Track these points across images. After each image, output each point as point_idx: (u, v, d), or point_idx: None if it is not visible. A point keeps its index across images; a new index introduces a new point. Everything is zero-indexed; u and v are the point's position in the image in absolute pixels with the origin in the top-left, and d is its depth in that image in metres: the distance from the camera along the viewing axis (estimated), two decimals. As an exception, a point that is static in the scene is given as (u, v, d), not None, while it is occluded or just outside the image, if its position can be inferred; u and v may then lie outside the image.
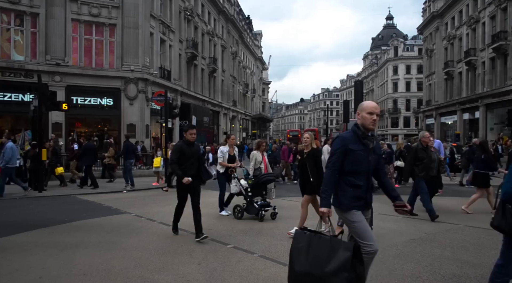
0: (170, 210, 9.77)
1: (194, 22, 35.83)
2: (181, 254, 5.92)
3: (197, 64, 36.76)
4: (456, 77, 42.68)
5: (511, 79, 30.76)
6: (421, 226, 7.81)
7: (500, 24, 32.93)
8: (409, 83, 75.39)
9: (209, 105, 40.02)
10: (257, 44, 74.58)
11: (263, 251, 6.00)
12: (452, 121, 44.13)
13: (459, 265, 5.31)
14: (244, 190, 8.74)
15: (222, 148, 9.46)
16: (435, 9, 47.63)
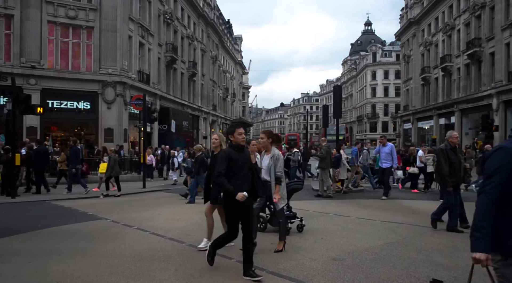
0: (148, 216, 9.72)
1: (173, 26, 35.64)
2: (158, 260, 5.84)
3: (177, 68, 36.55)
4: (432, 82, 43.56)
5: (485, 85, 31.56)
6: (398, 229, 7.90)
7: (474, 31, 33.79)
8: (387, 88, 76.60)
9: (189, 109, 39.79)
10: (237, 48, 74.65)
11: (241, 256, 5.94)
12: (429, 125, 44.98)
13: (434, 268, 5.39)
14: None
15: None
16: (412, 16, 48.61)
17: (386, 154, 12.83)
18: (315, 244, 6.71)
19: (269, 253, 6.16)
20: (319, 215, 9.70)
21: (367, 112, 78.96)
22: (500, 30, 28.93)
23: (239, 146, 5.12)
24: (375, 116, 77.84)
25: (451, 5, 38.90)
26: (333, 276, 5.03)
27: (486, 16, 31.81)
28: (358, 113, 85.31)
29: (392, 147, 13.10)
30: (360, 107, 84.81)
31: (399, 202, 12.20)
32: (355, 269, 5.32)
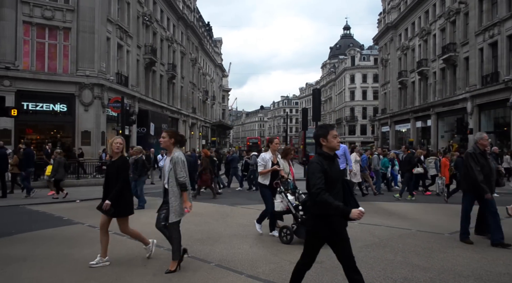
0: (125, 220, 9.57)
1: (152, 28, 35.35)
2: (136, 265, 5.77)
3: (156, 70, 36.25)
4: (409, 86, 44.33)
5: (460, 89, 32.28)
6: (375, 231, 8.00)
7: (449, 36, 34.56)
8: (365, 92, 77.60)
9: (168, 112, 39.49)
10: (217, 51, 74.53)
11: (220, 260, 5.95)
12: (406, 128, 45.73)
13: (410, 269, 5.47)
14: (294, 207, 7.11)
15: (264, 155, 7.70)
16: (389, 21, 49.41)
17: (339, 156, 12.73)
18: (294, 247, 6.72)
19: (248, 256, 6.15)
20: (299, 218, 9.73)
21: (346, 115, 79.84)
22: (474, 35, 29.67)
23: (330, 155, 3.93)
24: (353, 119, 78.74)
25: (427, 11, 39.73)
26: (311, 279, 5.06)
27: (461, 22, 32.59)
28: (337, 116, 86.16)
29: (345, 149, 12.66)
30: (339, 110, 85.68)
31: (378, 205, 12.34)
32: (333, 271, 5.35)
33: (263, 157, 7.63)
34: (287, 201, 7.17)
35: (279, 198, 7.30)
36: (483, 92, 28.14)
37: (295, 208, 7.09)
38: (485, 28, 28.25)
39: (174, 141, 5.66)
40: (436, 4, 37.58)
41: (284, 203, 7.22)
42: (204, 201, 13.03)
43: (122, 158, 5.91)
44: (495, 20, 27.13)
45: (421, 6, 40.64)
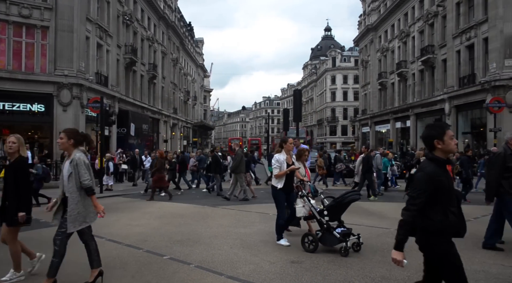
0: (104, 222, 9.38)
1: (133, 27, 34.99)
2: (114, 267, 5.69)
3: (136, 70, 35.89)
4: (389, 87, 44.92)
5: (438, 90, 32.87)
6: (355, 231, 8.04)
7: (428, 39, 35.17)
8: (346, 93, 78.35)
9: (149, 112, 39.13)
10: (198, 51, 74.21)
11: (200, 261, 5.92)
12: (386, 129, 46.32)
13: (388, 268, 5.53)
14: (318, 213, 6.61)
15: (278, 156, 7.03)
16: (369, 23, 50.01)
17: None
18: (274, 248, 6.75)
19: (228, 257, 6.13)
20: (279, 218, 9.75)
21: (327, 116, 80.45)
22: (452, 38, 30.25)
23: (445, 159, 3.22)
24: (334, 120, 79.40)
25: (406, 13, 40.34)
26: (291, 279, 5.08)
27: (439, 25, 33.20)
28: (319, 116, 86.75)
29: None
30: (320, 111, 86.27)
31: (358, 204, 12.41)
32: (313, 271, 5.39)
33: (277, 159, 6.98)
34: (310, 205, 6.66)
35: (300, 203, 6.75)
36: (460, 93, 28.71)
37: (320, 213, 6.57)
38: (462, 31, 28.83)
39: (74, 142, 4.87)
40: (415, 7, 38.19)
41: (306, 208, 6.71)
42: (185, 202, 12.95)
43: (20, 159, 5.16)
44: (471, 23, 27.71)
45: (401, 8, 41.25)
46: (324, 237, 6.46)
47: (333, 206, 6.57)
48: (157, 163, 14.34)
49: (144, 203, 13.09)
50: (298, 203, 6.77)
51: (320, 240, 6.46)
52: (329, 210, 6.53)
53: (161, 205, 12.43)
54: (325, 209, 6.55)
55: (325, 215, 6.50)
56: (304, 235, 6.64)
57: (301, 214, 6.77)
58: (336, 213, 6.60)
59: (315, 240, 6.45)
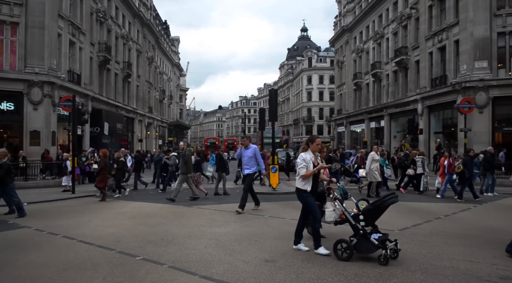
0: (76, 223, 9.26)
1: (107, 25, 34.39)
2: (85, 269, 5.57)
3: (110, 68, 35.29)
4: (364, 88, 45.54)
5: (411, 91, 33.50)
6: (329, 229, 8.10)
7: (401, 40, 35.81)
8: (322, 93, 79.12)
9: (123, 111, 38.53)
10: (174, 50, 73.57)
11: (174, 262, 5.85)
12: (361, 129, 46.95)
13: (361, 265, 5.62)
14: (353, 217, 6.04)
15: (304, 155, 6.47)
16: (345, 24, 50.59)
17: (248, 158, 10.90)
18: (249, 247, 6.73)
19: (202, 256, 6.08)
20: (254, 218, 9.76)
21: (303, 116, 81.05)
22: (424, 40, 30.88)
23: None
24: (310, 120, 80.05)
25: (380, 15, 40.96)
26: (265, 278, 5.07)
27: (412, 27, 33.84)
28: (295, 116, 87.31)
29: (256, 150, 11.15)
30: (296, 110, 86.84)
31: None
32: (287, 269, 5.40)
33: (304, 158, 6.41)
34: (343, 209, 6.09)
35: (331, 207, 6.21)
36: (432, 94, 29.33)
37: (355, 218, 6.00)
38: (434, 33, 29.46)
39: None
40: (389, 9, 38.82)
41: (337, 212, 6.15)
42: (159, 202, 12.80)
43: None
44: (443, 26, 28.36)
45: (375, 10, 41.87)
46: (359, 244, 5.90)
47: (371, 210, 5.98)
48: (101, 163, 13.89)
49: (117, 203, 12.88)
50: (329, 206, 6.25)
51: (355, 247, 5.90)
52: (366, 215, 5.95)
53: (135, 205, 12.26)
54: (361, 213, 5.98)
55: (361, 220, 5.94)
56: (337, 242, 6.00)
57: (331, 219, 6.21)
58: (373, 217, 6.04)
59: (349, 247, 5.87)
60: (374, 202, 6.06)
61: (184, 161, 13.18)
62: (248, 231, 7.99)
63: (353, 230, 6.04)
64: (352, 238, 5.99)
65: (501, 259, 6.03)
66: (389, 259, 5.64)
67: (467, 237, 7.58)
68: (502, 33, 24.63)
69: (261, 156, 11.48)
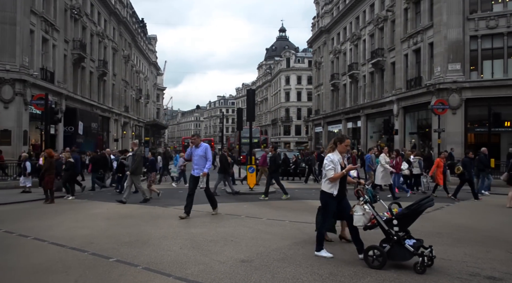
0: (48, 224, 9.03)
1: (82, 22, 33.73)
2: (56, 272, 5.41)
3: (85, 66, 34.64)
4: (341, 88, 46.00)
5: (387, 92, 34.01)
6: (305, 229, 8.16)
7: (378, 42, 36.32)
8: (300, 93, 79.57)
9: (98, 110, 37.87)
10: (151, 48, 72.78)
11: (148, 263, 5.75)
12: (338, 129, 47.37)
13: (336, 264, 5.65)
14: (385, 222, 5.63)
15: (332, 157, 6.06)
16: (323, 25, 51.00)
17: (199, 157, 9.90)
18: (225, 247, 6.68)
19: (178, 257, 5.99)
20: (231, 218, 9.71)
21: (281, 116, 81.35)
22: (400, 42, 31.41)
23: None
24: (288, 120, 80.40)
25: (357, 17, 41.45)
26: (240, 278, 5.04)
27: (388, 29, 34.37)
28: (273, 116, 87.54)
29: (207, 149, 10.06)
30: (274, 110, 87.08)
31: (309, 203, 12.64)
32: (262, 269, 5.37)
33: (331, 159, 5.99)
34: (375, 213, 5.69)
35: (360, 210, 5.77)
36: (407, 95, 29.85)
37: (387, 223, 5.59)
38: (409, 35, 29.99)
39: None
40: (366, 11, 39.33)
41: (367, 216, 5.74)
42: (135, 203, 12.60)
43: None
44: (418, 28, 28.89)
45: (352, 12, 42.34)
46: (393, 251, 5.46)
47: (406, 214, 5.55)
48: (45, 163, 13.38)
49: (91, 204, 12.62)
50: (358, 210, 5.78)
51: (389, 254, 5.45)
52: (400, 219, 5.51)
53: (110, 206, 12.03)
54: (395, 218, 5.54)
55: (395, 225, 5.52)
56: (369, 248, 5.59)
57: (360, 224, 5.78)
58: (407, 222, 5.62)
59: (382, 254, 5.44)
60: (410, 206, 5.61)
61: (137, 162, 12.80)
62: (224, 231, 7.93)
63: (385, 235, 5.64)
64: (385, 245, 5.57)
65: (471, 256, 6.16)
66: (426, 267, 5.27)
67: (439, 235, 7.72)
68: (475, 37, 25.28)
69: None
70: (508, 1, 24.93)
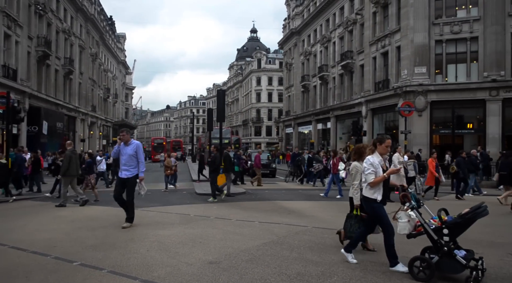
0: (8, 227, 8.69)
1: (47, 18, 32.75)
2: (16, 277, 5.19)
3: (50, 64, 33.65)
4: (311, 90, 46.47)
5: (356, 94, 34.59)
6: (274, 229, 8.16)
7: (347, 44, 36.92)
8: (271, 94, 79.92)
9: (64, 110, 36.87)
10: (120, 47, 71.46)
11: (113, 266, 5.59)
12: (308, 130, 47.85)
13: (304, 264, 5.65)
14: (434, 231, 5.09)
15: (372, 159, 5.58)
16: (294, 27, 51.40)
17: (129, 157, 8.53)
18: (193, 249, 6.59)
19: (145, 260, 5.87)
20: (200, 219, 9.61)
21: (252, 117, 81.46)
22: (369, 45, 32.02)
23: None
24: (259, 121, 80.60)
25: (328, 19, 41.99)
26: (208, 280, 4.98)
27: (357, 32, 34.97)
28: (244, 117, 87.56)
29: (138, 146, 8.69)
30: (245, 111, 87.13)
31: (278, 203, 12.68)
32: (230, 271, 5.33)
33: (371, 162, 5.53)
34: (423, 221, 5.18)
35: (405, 217, 5.29)
36: (375, 97, 30.45)
37: (437, 232, 5.07)
38: (378, 39, 30.61)
39: None
40: (336, 13, 39.88)
41: (412, 223, 5.29)
42: (101, 205, 12.30)
43: None
44: (386, 32, 29.53)
45: (323, 14, 42.86)
46: (443, 263, 4.97)
47: (459, 223, 5.07)
48: None
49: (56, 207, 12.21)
50: (402, 217, 5.31)
51: (438, 266, 4.97)
52: (451, 229, 5.01)
53: (75, 209, 11.68)
54: (445, 227, 5.03)
55: (445, 234, 5.00)
56: (414, 259, 5.12)
57: (405, 232, 5.32)
58: (459, 232, 5.12)
59: (430, 266, 4.95)
60: (464, 215, 5.11)
61: (67, 163, 12.07)
62: (192, 233, 7.84)
63: (433, 245, 5.14)
64: (433, 255, 5.10)
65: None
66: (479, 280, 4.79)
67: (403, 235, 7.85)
68: (440, 41, 26.06)
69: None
70: (471, 7, 25.82)
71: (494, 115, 24.53)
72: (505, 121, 24.65)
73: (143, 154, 8.96)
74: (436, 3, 26.33)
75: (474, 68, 25.46)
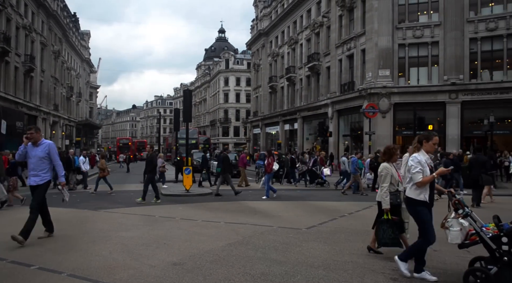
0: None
1: (6, 13, 31.52)
2: (-30, 281, 4.97)
3: (10, 61, 32.39)
4: (279, 91, 46.77)
5: (322, 95, 35.06)
6: (239, 230, 8.17)
7: (314, 47, 37.38)
8: (239, 95, 79.91)
9: (24, 109, 35.57)
10: (84, 44, 69.66)
11: (74, 269, 5.44)
12: (276, 131, 48.13)
13: (268, 264, 5.68)
14: (492, 239, 4.65)
15: (419, 157, 5.15)
16: (261, 28, 51.59)
17: (38, 160, 7.20)
18: (157, 250, 6.51)
19: (106, 262, 5.74)
20: (165, 220, 9.50)
21: (220, 117, 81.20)
22: (335, 47, 32.53)
23: None
24: (227, 121, 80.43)
25: (295, 21, 42.38)
26: (171, 281, 4.94)
27: (324, 34, 35.46)
28: (212, 117, 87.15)
29: (51, 147, 7.35)
30: (213, 111, 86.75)
31: (244, 204, 12.70)
32: (194, 272, 5.29)
33: (419, 160, 5.09)
34: (479, 229, 4.74)
35: (457, 225, 4.84)
36: (341, 99, 30.97)
37: (494, 240, 4.63)
38: (343, 41, 31.15)
39: None
40: (303, 16, 40.31)
41: (464, 232, 4.84)
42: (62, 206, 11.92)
43: None
44: (352, 35, 30.09)
45: (290, 16, 43.22)
46: (503, 274, 4.52)
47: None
48: None
49: (18, 209, 11.75)
50: (454, 225, 4.86)
51: (497, 277, 4.53)
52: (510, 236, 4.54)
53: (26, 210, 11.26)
54: (504, 235, 4.57)
55: (504, 243, 4.56)
56: (471, 271, 4.75)
57: (458, 241, 4.88)
58: None
59: (488, 277, 4.53)
60: None
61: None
62: (157, 234, 7.73)
63: (491, 255, 4.71)
64: (491, 266, 4.66)
65: (395, 253, 6.44)
66: None
67: (367, 233, 7.99)
68: (403, 45, 26.80)
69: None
70: (432, 13, 26.69)
71: (453, 117, 25.49)
72: (464, 122, 25.68)
73: (58, 154, 7.61)
74: (399, 8, 27.07)
75: (435, 71, 26.34)
